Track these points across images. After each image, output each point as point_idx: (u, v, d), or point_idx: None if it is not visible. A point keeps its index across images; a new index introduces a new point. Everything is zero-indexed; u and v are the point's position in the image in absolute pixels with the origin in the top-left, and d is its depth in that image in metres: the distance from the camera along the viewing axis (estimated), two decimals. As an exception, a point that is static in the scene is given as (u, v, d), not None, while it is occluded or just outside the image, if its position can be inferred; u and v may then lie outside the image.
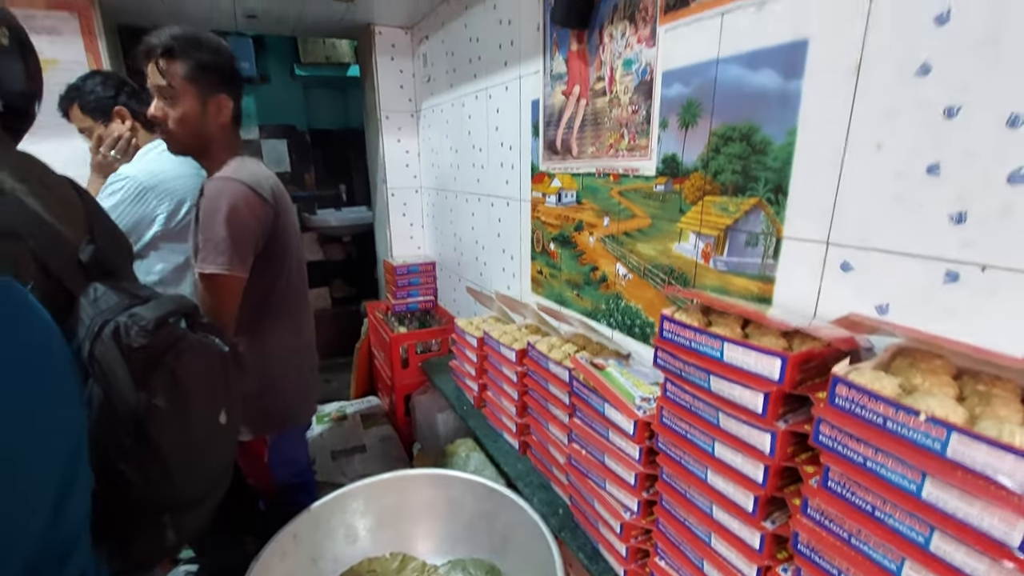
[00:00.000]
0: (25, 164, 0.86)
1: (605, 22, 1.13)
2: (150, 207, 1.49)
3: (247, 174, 1.21)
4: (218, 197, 1.16)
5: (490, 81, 1.68)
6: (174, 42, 1.12)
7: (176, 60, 1.13)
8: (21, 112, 0.89)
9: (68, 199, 0.91)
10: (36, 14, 1.83)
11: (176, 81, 1.14)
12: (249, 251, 1.21)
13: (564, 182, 1.37)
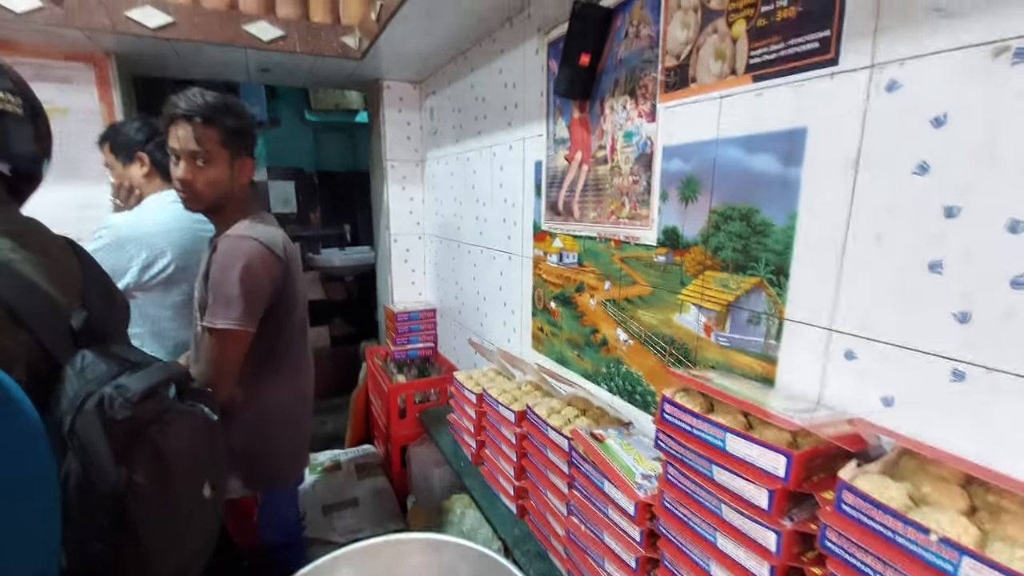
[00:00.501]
0: (26, 230, 0.87)
1: (606, 94, 1.16)
2: (128, 255, 1.47)
3: (262, 232, 1.25)
4: (233, 254, 1.19)
5: (494, 139, 1.71)
6: (210, 109, 1.17)
7: (212, 126, 1.18)
8: (28, 175, 0.91)
9: (66, 264, 0.92)
10: (52, 64, 1.89)
11: (211, 146, 1.19)
12: (260, 307, 1.24)
13: (566, 243, 1.38)
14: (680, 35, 0.95)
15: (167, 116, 1.19)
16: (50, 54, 1.84)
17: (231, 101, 1.23)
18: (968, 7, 0.59)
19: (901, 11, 0.64)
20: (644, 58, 1.04)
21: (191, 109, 1.16)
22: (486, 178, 1.80)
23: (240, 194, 1.29)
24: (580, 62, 1.12)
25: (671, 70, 0.98)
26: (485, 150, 1.79)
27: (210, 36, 1.76)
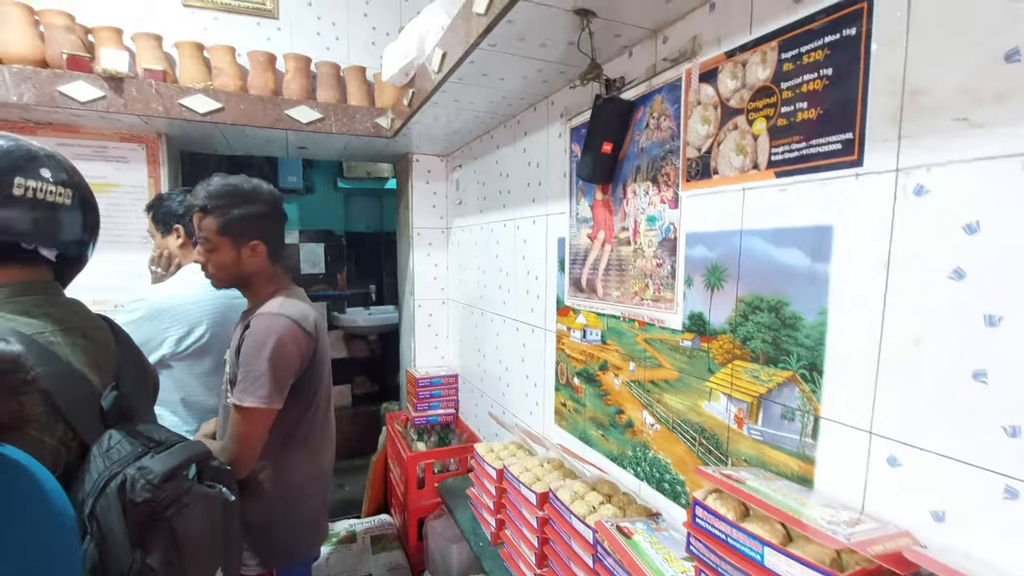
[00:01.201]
0: (68, 312, 0.91)
1: (628, 179, 1.18)
2: (163, 326, 1.52)
3: (294, 309, 1.29)
4: (266, 332, 1.22)
5: (518, 213, 1.75)
6: (208, 200, 1.25)
7: (209, 215, 1.26)
8: (74, 259, 0.97)
9: (103, 344, 0.95)
10: (109, 144, 2.03)
11: (210, 235, 1.27)
12: (287, 384, 1.26)
13: (589, 320, 1.38)
14: (701, 129, 0.97)
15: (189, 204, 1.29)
16: (107, 136, 1.99)
17: (240, 186, 1.28)
18: (994, 119, 0.59)
19: (925, 119, 0.65)
20: (665, 148, 1.07)
21: (195, 201, 1.26)
22: (510, 250, 1.83)
23: (258, 273, 1.34)
24: (602, 150, 1.16)
25: (693, 161, 1.00)
26: (509, 223, 1.83)
27: (254, 120, 1.89)
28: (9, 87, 1.63)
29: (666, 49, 1.06)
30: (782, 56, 0.82)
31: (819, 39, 0.76)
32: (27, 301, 0.86)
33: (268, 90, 2.02)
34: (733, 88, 0.90)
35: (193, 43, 1.95)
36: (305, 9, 2.20)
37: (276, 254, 1.38)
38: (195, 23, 2.06)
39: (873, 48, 0.70)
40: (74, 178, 0.91)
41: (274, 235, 1.36)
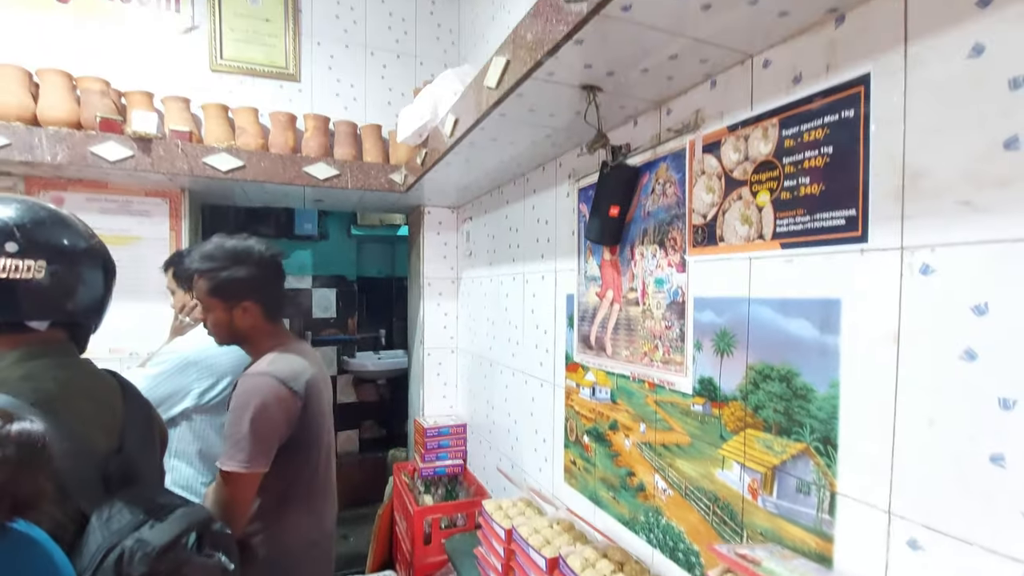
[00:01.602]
0: (74, 374, 0.93)
1: (636, 241, 1.20)
2: (189, 380, 1.55)
3: (283, 367, 1.27)
4: (248, 393, 1.21)
5: (528, 268, 1.78)
6: (200, 262, 1.29)
7: (202, 278, 1.29)
8: (90, 324, 0.99)
9: (109, 405, 0.96)
10: (134, 199, 2.11)
11: (203, 296, 1.30)
12: (272, 446, 1.23)
13: (598, 377, 1.37)
14: (705, 197, 1.00)
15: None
16: (133, 191, 2.07)
17: (233, 249, 1.31)
18: (998, 203, 0.60)
19: (927, 201, 0.66)
20: (672, 213, 1.09)
21: (190, 264, 1.31)
22: (518, 303, 1.85)
23: (254, 332, 1.34)
24: (610, 214, 1.18)
25: (698, 227, 1.02)
26: (518, 276, 1.85)
27: (274, 177, 1.96)
28: (45, 148, 1.72)
29: (670, 120, 1.10)
30: (783, 133, 0.85)
31: (818, 119, 0.79)
32: (35, 365, 0.87)
33: (288, 148, 2.11)
34: (736, 160, 0.93)
35: (219, 105, 2.05)
36: (325, 72, 2.32)
37: (272, 312, 1.38)
38: (222, 86, 2.17)
39: (872, 130, 0.72)
40: (95, 246, 0.94)
41: (268, 294, 1.35)
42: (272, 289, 1.37)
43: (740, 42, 0.86)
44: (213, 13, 2.14)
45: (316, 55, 2.30)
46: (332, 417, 1.46)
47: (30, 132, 1.71)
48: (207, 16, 2.14)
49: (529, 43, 0.95)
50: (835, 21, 0.77)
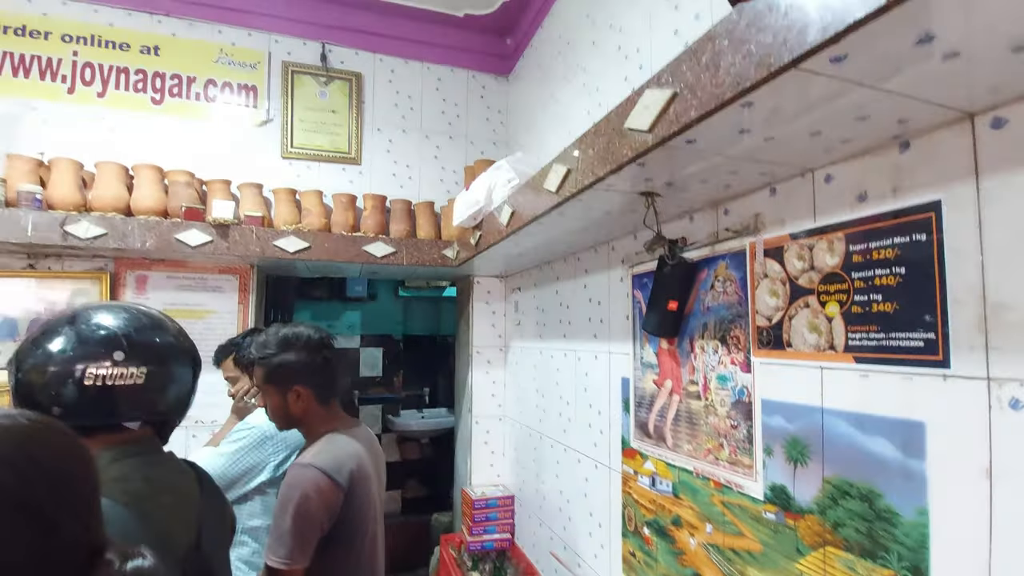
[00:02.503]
0: (162, 471, 0.98)
1: (695, 335, 1.21)
2: (266, 454, 1.62)
3: (328, 457, 1.30)
4: (292, 487, 1.25)
5: (580, 346, 1.79)
6: (256, 352, 1.39)
7: (258, 365, 1.39)
8: (178, 420, 1.06)
9: (190, 499, 1.01)
10: (209, 276, 2.27)
11: (259, 383, 1.39)
12: (312, 541, 1.26)
13: (658, 468, 1.34)
14: (769, 301, 1.00)
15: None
16: (208, 269, 2.23)
17: (283, 339, 1.38)
18: (1087, 345, 0.59)
19: (1013, 334, 0.65)
20: (733, 312, 1.10)
21: (249, 354, 1.43)
22: (570, 380, 1.85)
23: (308, 416, 1.39)
24: (668, 307, 1.20)
25: (763, 329, 1.02)
26: (570, 353, 1.87)
27: (336, 256, 2.08)
28: (136, 236, 1.89)
29: (728, 220, 1.12)
30: (850, 247, 0.85)
31: (888, 238, 0.80)
32: (127, 465, 0.93)
33: (348, 226, 2.24)
34: (801, 268, 0.94)
35: (288, 189, 2.22)
36: (384, 155, 2.48)
37: (324, 395, 1.42)
38: (291, 171, 2.35)
39: (947, 257, 0.72)
40: (151, 350, 0.98)
41: (319, 379, 1.40)
42: (322, 373, 1.42)
43: (800, 160, 0.89)
44: (286, 107, 2.34)
45: (376, 140, 2.47)
46: (381, 500, 1.47)
47: (124, 222, 1.89)
48: (281, 110, 2.34)
49: (591, 158, 1.01)
50: (899, 147, 0.79)
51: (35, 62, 2.09)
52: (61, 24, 2.12)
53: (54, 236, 1.82)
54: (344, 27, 2.40)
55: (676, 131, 0.76)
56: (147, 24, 2.20)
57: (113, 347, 0.94)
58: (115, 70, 2.16)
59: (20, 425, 0.54)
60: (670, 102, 0.77)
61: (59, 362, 0.91)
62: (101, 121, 2.14)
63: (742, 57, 0.64)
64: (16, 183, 1.88)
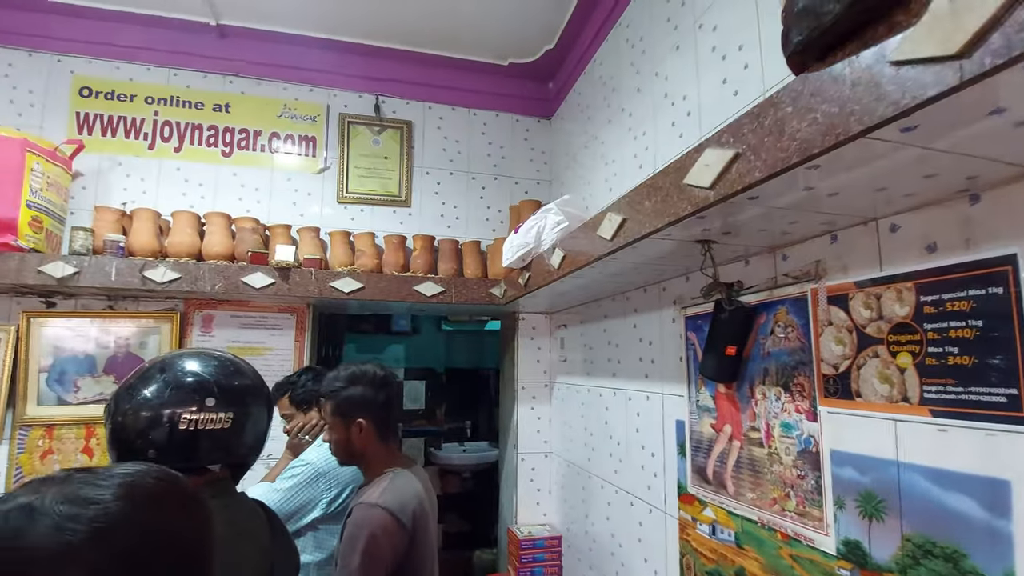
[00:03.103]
0: (239, 514, 1.03)
1: (756, 380, 1.20)
2: (319, 491, 1.67)
3: (393, 497, 1.34)
4: (360, 526, 1.29)
5: (630, 385, 1.79)
6: (326, 386, 1.49)
7: (328, 400, 1.47)
8: (252, 461, 1.11)
9: (263, 542, 1.05)
10: (268, 315, 2.38)
11: (327, 415, 1.47)
12: None
13: (719, 515, 1.32)
14: (835, 349, 0.99)
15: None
16: (268, 308, 2.35)
17: (350, 374, 1.48)
18: None
19: (1104, 394, 0.63)
20: (796, 358, 1.09)
21: (323, 390, 1.51)
22: (621, 419, 1.84)
23: (369, 450, 1.46)
24: (726, 352, 1.19)
25: (829, 378, 1.00)
26: (620, 392, 1.86)
27: (388, 296, 2.16)
28: (206, 279, 2.02)
29: (786, 265, 1.12)
30: (921, 298, 0.85)
31: (962, 290, 0.79)
32: (211, 506, 0.99)
33: (399, 266, 2.33)
34: (868, 317, 0.93)
35: (342, 232, 2.33)
36: (432, 196, 2.58)
37: (384, 432, 1.50)
38: (345, 214, 2.47)
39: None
40: (236, 396, 1.03)
41: (380, 414, 1.48)
42: (383, 409, 1.50)
43: (864, 211, 0.90)
44: (343, 155, 2.48)
45: (425, 182, 2.58)
46: (436, 538, 1.50)
47: (197, 267, 2.03)
48: (337, 158, 2.49)
49: (647, 209, 1.04)
50: (969, 199, 0.78)
51: (121, 122, 2.30)
52: (145, 87, 2.33)
53: (134, 280, 1.97)
54: (396, 79, 2.54)
55: (739, 190, 0.78)
56: (219, 84, 2.40)
57: (204, 393, 1.01)
58: (190, 127, 2.36)
59: (147, 485, 0.58)
60: (732, 161, 0.79)
61: (154, 407, 0.98)
62: (177, 173, 2.32)
63: (807, 124, 0.66)
64: (103, 232, 2.05)
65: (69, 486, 0.52)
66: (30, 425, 2.10)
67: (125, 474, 0.57)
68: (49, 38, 2.24)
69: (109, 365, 2.19)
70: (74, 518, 0.49)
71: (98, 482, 0.54)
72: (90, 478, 0.54)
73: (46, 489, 0.51)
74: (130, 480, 0.57)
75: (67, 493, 0.51)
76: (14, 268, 1.87)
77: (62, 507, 0.50)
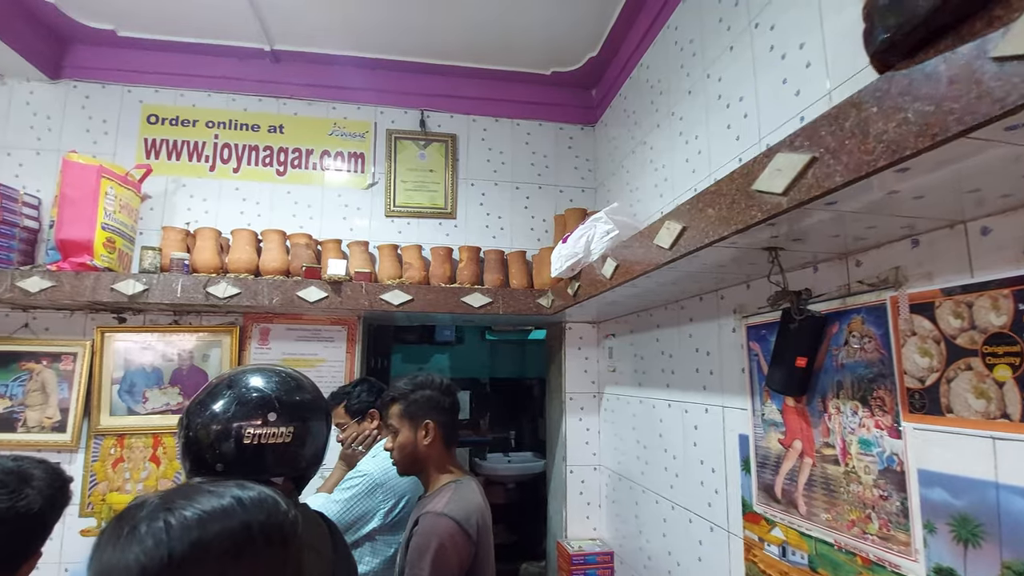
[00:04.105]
0: (305, 527, 1.05)
1: (829, 394, 1.13)
2: (376, 502, 1.69)
3: (459, 508, 1.34)
4: (429, 535, 1.29)
5: (686, 397, 1.73)
6: (394, 391, 1.52)
7: (396, 403, 1.50)
8: (313, 473, 1.14)
9: (325, 555, 1.07)
10: (321, 327, 2.44)
11: (395, 419, 1.49)
12: None
13: (789, 537, 1.25)
14: (920, 361, 0.93)
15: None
16: (320, 321, 2.41)
17: (418, 380, 1.53)
18: None
19: None
20: (874, 371, 1.02)
21: (391, 393, 1.54)
22: (677, 432, 1.78)
23: (432, 457, 1.48)
24: (796, 364, 1.14)
25: (914, 392, 0.94)
26: (675, 404, 1.81)
27: (437, 308, 2.18)
28: (264, 294, 2.09)
29: (860, 272, 1.06)
30: (1020, 307, 0.78)
31: (1071, 298, 0.72)
32: None
33: (446, 278, 2.35)
34: (958, 327, 0.87)
35: (390, 245, 2.38)
36: (477, 208, 2.60)
37: (450, 437, 1.52)
38: (393, 228, 2.52)
39: None
40: (297, 410, 1.06)
41: (446, 418, 1.51)
42: (450, 413, 1.54)
43: (950, 214, 0.84)
44: (390, 170, 2.54)
45: (470, 194, 2.60)
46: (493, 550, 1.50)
47: (256, 282, 2.10)
48: (385, 173, 2.54)
49: (711, 217, 1.00)
50: (1077, 198, 0.72)
51: (184, 146, 2.43)
52: (206, 113, 2.46)
53: (198, 296, 2.06)
54: (441, 94, 2.58)
55: (817, 195, 0.74)
56: (274, 107, 2.50)
57: (267, 408, 1.04)
58: (247, 148, 2.46)
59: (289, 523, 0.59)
60: (808, 166, 0.76)
61: (221, 422, 1.02)
62: (236, 193, 2.43)
63: (896, 125, 0.62)
64: (169, 251, 2.16)
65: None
66: (103, 434, 2.22)
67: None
68: (120, 71, 2.40)
69: (175, 377, 2.30)
70: None
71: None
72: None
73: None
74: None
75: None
76: (90, 286, 1.99)
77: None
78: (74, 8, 2.18)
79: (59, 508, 1.01)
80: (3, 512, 0.89)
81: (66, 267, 2.00)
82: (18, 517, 0.91)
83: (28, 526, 0.95)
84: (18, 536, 0.93)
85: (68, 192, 2.01)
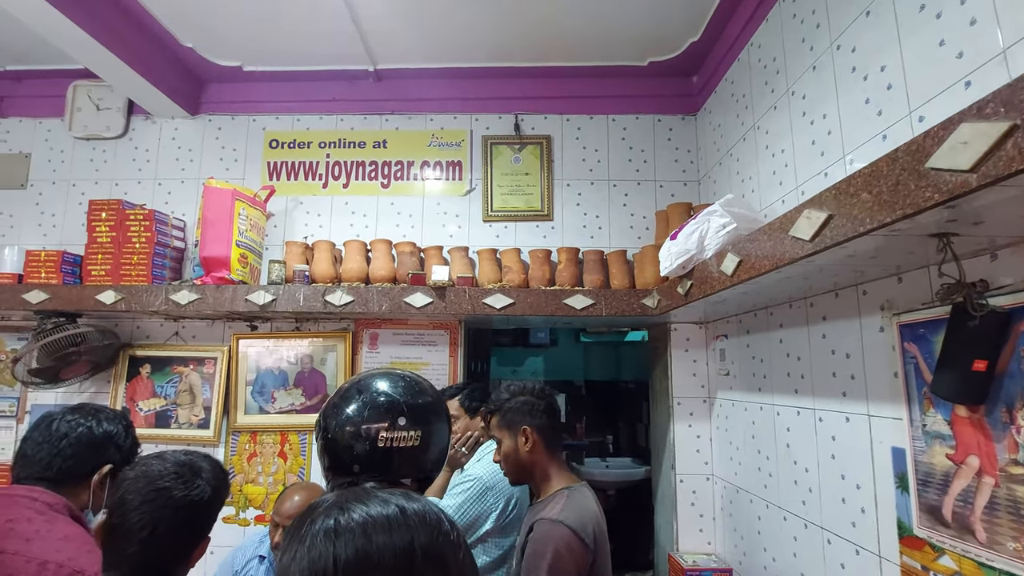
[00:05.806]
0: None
1: (1016, 403, 0.96)
2: (488, 505, 1.70)
3: (574, 515, 1.31)
4: (545, 542, 1.27)
5: (820, 404, 1.57)
6: (492, 406, 1.54)
7: (495, 414, 1.52)
8: (435, 475, 1.15)
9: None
10: (425, 331, 2.53)
11: (495, 429, 1.51)
12: None
13: (964, 567, 1.07)
14: None
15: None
16: (424, 325, 2.49)
17: (513, 387, 1.56)
18: None
19: None
20: (1087, 377, 0.85)
21: (489, 406, 1.56)
22: (809, 443, 1.62)
23: (539, 463, 1.47)
24: (972, 367, 0.98)
25: None
26: (805, 411, 1.64)
27: (538, 311, 2.16)
28: (375, 301, 2.20)
29: (1060, 258, 0.89)
30: None
31: None
32: None
33: (545, 280, 2.33)
34: None
35: (489, 249, 2.40)
36: (574, 209, 2.56)
37: (551, 441, 1.51)
38: (491, 232, 2.55)
39: None
40: (423, 415, 1.09)
41: (544, 421, 1.50)
42: (546, 415, 1.53)
43: None
44: (486, 176, 2.58)
45: (566, 195, 2.57)
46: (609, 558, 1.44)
47: (367, 290, 2.22)
48: (481, 178, 2.58)
49: (865, 201, 0.89)
50: None
51: (301, 167, 2.63)
52: (318, 135, 2.65)
53: (317, 304, 2.21)
54: (533, 96, 2.58)
55: (1021, 169, 0.62)
56: (378, 124, 2.64)
57: (396, 413, 1.07)
58: (355, 164, 2.62)
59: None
60: (1007, 135, 0.64)
61: (355, 424, 1.06)
62: (345, 207, 2.59)
63: None
64: (292, 263, 2.34)
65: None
66: (239, 431, 2.46)
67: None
68: (246, 102, 2.65)
69: (298, 379, 2.49)
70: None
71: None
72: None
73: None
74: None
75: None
76: (228, 298, 2.21)
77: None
78: (207, 49, 2.44)
79: (223, 498, 1.11)
80: (180, 500, 0.99)
81: (208, 281, 2.24)
82: (192, 505, 1.01)
83: (201, 513, 1.05)
84: (193, 522, 1.04)
85: (208, 215, 2.25)
